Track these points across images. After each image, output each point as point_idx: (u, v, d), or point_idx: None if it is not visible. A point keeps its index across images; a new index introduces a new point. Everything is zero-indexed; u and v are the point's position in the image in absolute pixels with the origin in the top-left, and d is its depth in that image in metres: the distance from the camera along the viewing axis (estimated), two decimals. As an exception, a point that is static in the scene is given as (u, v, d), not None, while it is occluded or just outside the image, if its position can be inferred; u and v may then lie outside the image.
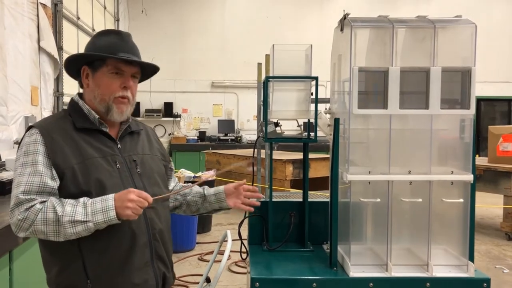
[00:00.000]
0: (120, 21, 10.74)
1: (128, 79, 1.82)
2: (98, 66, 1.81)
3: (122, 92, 1.81)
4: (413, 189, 2.13)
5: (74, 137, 1.75)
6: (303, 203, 2.48)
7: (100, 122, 1.83)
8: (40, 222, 1.62)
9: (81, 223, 1.62)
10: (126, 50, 1.82)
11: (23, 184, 1.66)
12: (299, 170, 7.51)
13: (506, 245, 6.32)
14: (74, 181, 1.69)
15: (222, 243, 2.61)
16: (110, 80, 1.80)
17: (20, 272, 2.78)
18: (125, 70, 1.81)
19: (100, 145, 1.79)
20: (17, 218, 1.63)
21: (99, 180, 1.71)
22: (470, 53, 2.05)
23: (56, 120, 1.82)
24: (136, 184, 1.81)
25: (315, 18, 12.48)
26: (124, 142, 1.88)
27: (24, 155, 1.71)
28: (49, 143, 1.71)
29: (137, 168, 1.85)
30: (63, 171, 1.69)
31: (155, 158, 1.98)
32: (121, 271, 1.73)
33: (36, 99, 5.58)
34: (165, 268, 1.89)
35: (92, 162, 1.73)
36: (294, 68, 2.39)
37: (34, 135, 1.72)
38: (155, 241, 1.82)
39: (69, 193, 1.69)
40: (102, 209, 1.63)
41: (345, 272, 2.10)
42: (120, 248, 1.73)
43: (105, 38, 1.84)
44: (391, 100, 2.04)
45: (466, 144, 2.12)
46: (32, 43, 5.48)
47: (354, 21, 2.05)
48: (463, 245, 2.13)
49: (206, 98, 12.57)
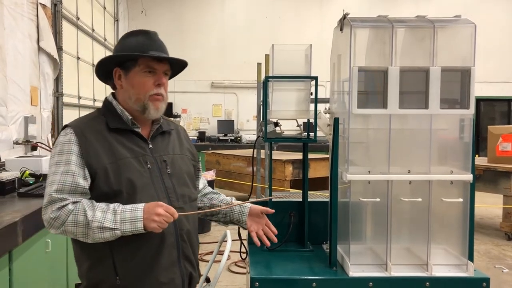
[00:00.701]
0: (119, 21, 10.75)
1: (161, 76, 1.85)
2: (131, 66, 1.84)
3: (157, 90, 1.84)
4: (412, 189, 2.13)
5: (107, 137, 1.79)
6: (302, 203, 2.49)
7: (132, 123, 1.86)
8: (71, 224, 1.67)
9: (109, 230, 1.66)
10: (155, 48, 1.85)
11: (56, 183, 1.70)
12: (299, 170, 7.52)
13: (506, 245, 6.32)
14: (106, 181, 1.73)
15: (222, 243, 2.60)
16: (143, 79, 1.83)
17: (19, 272, 2.78)
18: (157, 68, 1.84)
19: (132, 146, 1.82)
20: (50, 216, 1.68)
21: (130, 180, 1.75)
22: (469, 53, 2.05)
23: (90, 120, 1.86)
24: (166, 184, 1.84)
25: (315, 18, 12.49)
26: (155, 142, 1.91)
27: (59, 154, 1.75)
28: (83, 143, 1.75)
29: (167, 168, 1.88)
30: (95, 170, 1.72)
31: (184, 158, 2.00)
32: (149, 270, 1.77)
33: (36, 99, 5.57)
34: (192, 268, 1.92)
35: (124, 162, 1.76)
36: (293, 68, 2.39)
37: (69, 135, 1.77)
38: (183, 241, 1.85)
39: (100, 192, 1.73)
40: (131, 219, 1.67)
41: (345, 272, 2.10)
42: (149, 247, 1.76)
43: (134, 38, 1.87)
44: (391, 100, 2.04)
45: (466, 144, 2.12)
46: (32, 43, 5.47)
47: (353, 21, 2.05)
48: (462, 245, 2.13)
49: (205, 98, 12.58)
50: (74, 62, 7.43)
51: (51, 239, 3.31)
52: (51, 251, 3.31)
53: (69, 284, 3.80)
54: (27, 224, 2.80)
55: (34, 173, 3.97)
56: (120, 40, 1.93)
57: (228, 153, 8.91)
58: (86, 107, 7.96)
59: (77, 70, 7.55)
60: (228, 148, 10.75)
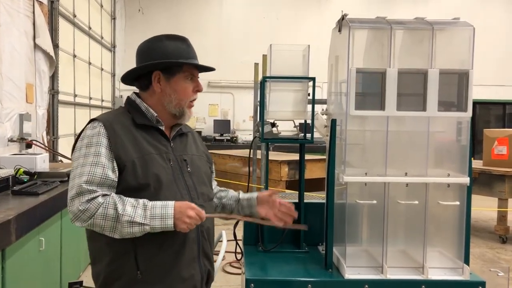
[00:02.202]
0: (116, 20, 10.69)
1: (199, 83, 1.96)
2: (176, 71, 1.89)
3: (195, 96, 1.94)
4: (409, 191, 2.12)
5: (134, 133, 1.83)
6: (299, 204, 2.47)
7: (157, 120, 1.90)
8: (100, 217, 1.66)
9: (139, 225, 1.67)
10: (194, 55, 1.95)
11: (85, 174, 1.70)
12: (295, 171, 7.50)
13: (500, 248, 6.34)
14: (134, 174, 1.74)
15: (217, 243, 2.59)
16: (186, 85, 1.90)
17: (13, 271, 2.75)
18: (196, 75, 1.95)
19: (156, 143, 1.86)
20: (78, 208, 1.67)
21: (156, 175, 1.78)
22: (468, 56, 2.05)
23: (117, 115, 1.89)
24: (187, 182, 1.88)
25: (313, 19, 12.49)
26: (175, 142, 1.95)
27: (87, 147, 1.76)
28: (112, 136, 1.77)
29: (188, 167, 1.91)
30: (124, 163, 1.74)
31: (202, 159, 2.05)
32: (171, 265, 1.78)
33: (31, 97, 5.53)
34: (210, 265, 1.94)
35: (150, 158, 1.79)
36: (291, 69, 2.38)
37: (98, 128, 1.79)
38: (203, 238, 1.88)
39: (127, 185, 1.74)
40: (161, 216, 1.69)
41: (341, 274, 2.09)
42: (172, 243, 1.78)
43: (173, 44, 1.92)
44: (389, 101, 2.03)
45: (463, 146, 2.12)
46: (28, 40, 5.43)
47: (352, 22, 2.05)
48: (458, 248, 2.12)
49: (202, 98, 12.49)
50: (70, 59, 7.38)
51: (44, 237, 3.29)
52: (44, 249, 3.29)
53: (62, 283, 3.78)
54: (21, 222, 2.78)
55: (28, 171, 3.94)
56: (154, 43, 1.94)
57: (224, 153, 8.89)
58: (81, 105, 7.92)
59: (73, 68, 7.50)
60: (224, 148, 10.72)
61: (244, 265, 2.23)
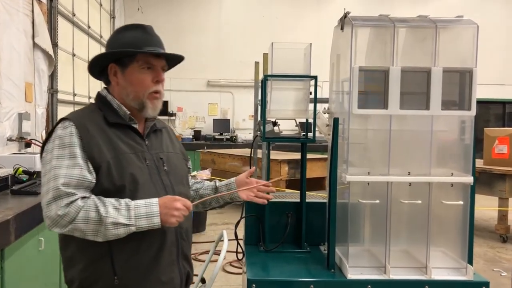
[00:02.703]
0: (116, 19, 10.66)
1: (160, 73, 1.81)
2: (128, 62, 1.78)
3: (156, 87, 1.79)
4: (412, 191, 2.10)
5: (107, 132, 1.73)
6: (300, 204, 2.45)
7: (130, 118, 1.81)
8: (82, 220, 1.58)
9: (124, 226, 1.60)
10: (153, 43, 1.79)
11: (62, 176, 1.61)
12: (295, 170, 7.48)
13: (501, 247, 6.32)
14: (109, 176, 1.66)
15: (218, 243, 2.57)
16: (142, 76, 1.78)
17: (12, 271, 2.73)
18: (155, 64, 1.79)
19: (131, 141, 1.78)
20: (56, 213, 1.58)
21: (133, 175, 1.70)
22: (471, 54, 2.03)
23: (89, 113, 1.80)
24: (164, 182, 1.80)
25: (312, 18, 12.46)
26: (150, 140, 1.87)
27: (60, 148, 1.67)
28: (84, 136, 1.68)
29: (164, 166, 1.83)
30: (99, 164, 1.66)
31: (178, 157, 1.97)
32: (150, 269, 1.72)
33: (30, 96, 5.51)
34: (189, 267, 1.89)
35: (125, 157, 1.71)
36: (292, 67, 2.36)
37: (69, 128, 1.69)
38: (182, 239, 1.82)
39: (102, 188, 1.66)
40: (147, 215, 1.62)
41: (343, 274, 2.07)
42: (150, 247, 1.72)
43: (130, 33, 1.81)
44: (392, 100, 2.01)
45: (466, 145, 2.10)
46: (27, 39, 5.41)
47: (355, 20, 2.03)
48: (462, 248, 2.11)
49: (201, 97, 12.52)
50: (70, 58, 7.36)
51: (44, 237, 3.27)
52: (44, 249, 3.27)
53: (61, 283, 3.76)
54: (20, 222, 2.76)
55: (27, 170, 3.91)
56: (114, 35, 1.87)
57: (224, 152, 8.86)
58: (81, 104, 7.89)
59: (72, 66, 7.48)
60: (224, 147, 10.69)
61: (245, 265, 2.21)
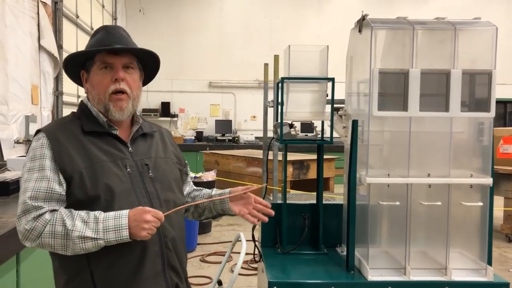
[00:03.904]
0: (117, 20, 10.67)
1: (118, 70, 1.70)
2: (89, 66, 1.74)
3: (115, 86, 1.69)
4: (431, 192, 2.11)
5: (82, 141, 1.68)
6: (316, 206, 2.46)
7: (109, 125, 1.75)
8: (48, 235, 1.53)
9: (92, 240, 1.54)
10: (114, 42, 1.71)
11: (29, 189, 1.58)
12: (299, 171, 7.49)
13: (507, 247, 6.34)
14: (82, 187, 1.61)
15: (235, 244, 2.58)
16: (100, 77, 1.71)
17: (27, 274, 2.74)
18: (113, 62, 1.70)
19: (110, 149, 1.71)
20: (24, 227, 1.55)
21: (107, 185, 1.63)
22: (490, 56, 2.04)
23: (64, 123, 1.75)
24: (148, 189, 1.72)
25: (313, 18, 12.48)
26: (136, 145, 1.79)
27: (31, 160, 1.64)
28: (55, 147, 1.64)
29: (149, 172, 1.75)
30: (71, 175, 1.61)
31: (169, 162, 1.88)
32: (130, 281, 1.65)
33: (36, 98, 5.52)
34: (178, 279, 1.78)
35: (101, 166, 1.64)
36: (309, 69, 2.36)
37: (41, 139, 1.66)
38: (167, 250, 1.72)
39: (75, 199, 1.61)
40: (115, 227, 1.54)
41: (363, 276, 2.07)
42: (130, 258, 1.64)
43: (94, 37, 1.77)
44: (411, 102, 2.02)
45: (485, 147, 2.11)
46: (33, 41, 5.42)
47: (374, 22, 2.03)
48: (481, 249, 2.11)
49: (203, 98, 12.52)
50: (73, 60, 7.37)
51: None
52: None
53: None
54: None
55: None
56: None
57: (227, 153, 8.87)
58: (84, 106, 7.89)
59: (76, 68, 7.49)
60: (226, 148, 10.70)
61: (264, 267, 2.21)
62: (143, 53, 1.80)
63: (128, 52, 1.74)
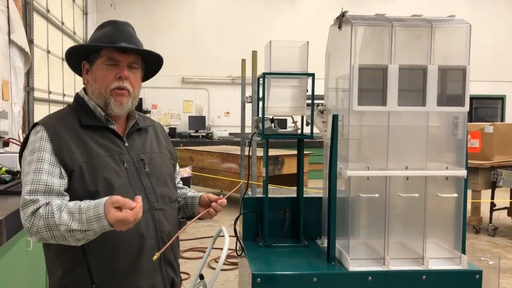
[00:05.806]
0: (88, 15, 10.48)
1: (123, 69, 1.72)
2: (94, 59, 1.74)
3: (118, 83, 1.71)
4: (408, 184, 2.17)
5: (80, 135, 1.68)
6: (297, 199, 2.50)
7: (106, 119, 1.75)
8: (45, 228, 1.52)
9: (80, 232, 1.50)
10: (122, 39, 1.72)
11: (28, 183, 1.58)
12: (274, 166, 7.55)
13: (474, 238, 6.55)
14: (81, 181, 1.61)
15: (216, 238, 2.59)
16: (104, 72, 1.71)
17: (2, 271, 2.69)
18: (120, 60, 1.72)
19: (107, 143, 1.71)
20: (25, 224, 1.56)
21: (107, 179, 1.64)
22: (464, 52, 2.11)
23: (62, 116, 1.74)
24: (144, 184, 1.74)
25: (286, 15, 12.54)
26: (131, 140, 1.81)
27: (30, 154, 1.63)
28: (55, 140, 1.63)
29: (145, 167, 1.77)
30: (72, 168, 1.61)
31: (163, 157, 1.90)
32: (127, 276, 1.67)
33: (7, 94, 5.39)
34: (174, 273, 1.83)
35: (100, 161, 1.65)
36: (289, 65, 2.39)
37: (40, 132, 1.66)
38: (164, 244, 1.71)
39: (75, 194, 1.61)
40: (96, 217, 1.49)
41: (344, 267, 2.12)
42: (127, 252, 1.66)
43: (102, 30, 1.77)
44: (390, 97, 2.07)
45: (459, 140, 2.19)
46: (3, 35, 5.28)
47: (354, 19, 2.08)
48: (456, 239, 2.19)
49: (176, 94, 12.46)
50: (44, 56, 7.21)
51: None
52: (32, 249, 3.22)
53: (47, 284, 3.70)
54: (11, 222, 2.71)
55: (10, 170, 3.83)
56: (93, 32, 1.83)
57: (202, 149, 8.86)
58: (56, 102, 7.75)
59: (47, 64, 7.33)
60: (200, 144, 10.68)
61: (247, 260, 2.23)
62: (149, 55, 1.82)
63: (136, 52, 1.76)
